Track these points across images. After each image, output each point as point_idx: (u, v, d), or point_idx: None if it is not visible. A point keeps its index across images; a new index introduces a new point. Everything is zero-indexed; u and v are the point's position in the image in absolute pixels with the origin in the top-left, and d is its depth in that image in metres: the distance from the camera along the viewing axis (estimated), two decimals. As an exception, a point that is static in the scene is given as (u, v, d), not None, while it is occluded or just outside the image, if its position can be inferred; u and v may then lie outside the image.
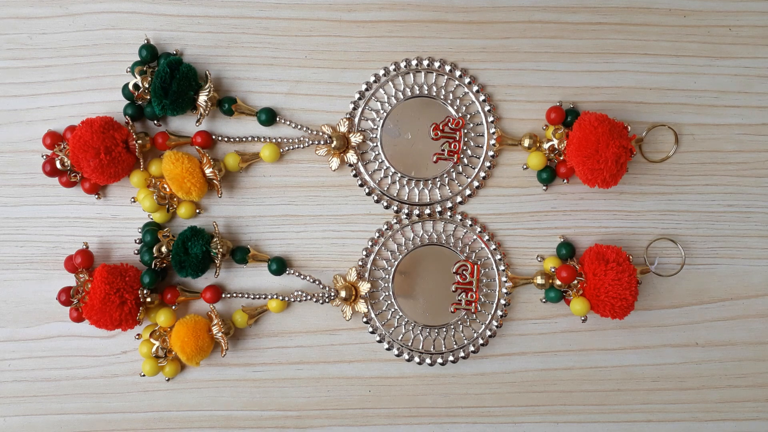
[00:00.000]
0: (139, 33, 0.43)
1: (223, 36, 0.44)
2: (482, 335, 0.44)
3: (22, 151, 0.43)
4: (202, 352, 0.42)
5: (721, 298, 0.45)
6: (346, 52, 0.44)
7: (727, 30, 0.45)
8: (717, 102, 0.45)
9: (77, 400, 0.44)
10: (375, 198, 0.44)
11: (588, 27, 0.44)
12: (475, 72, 0.44)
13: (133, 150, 0.41)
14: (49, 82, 0.44)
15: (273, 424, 0.44)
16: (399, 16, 0.44)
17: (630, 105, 0.44)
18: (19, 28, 0.43)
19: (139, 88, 0.41)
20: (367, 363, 0.44)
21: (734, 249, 0.45)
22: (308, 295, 0.43)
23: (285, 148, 0.43)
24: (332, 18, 0.44)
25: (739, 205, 0.45)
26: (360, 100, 0.44)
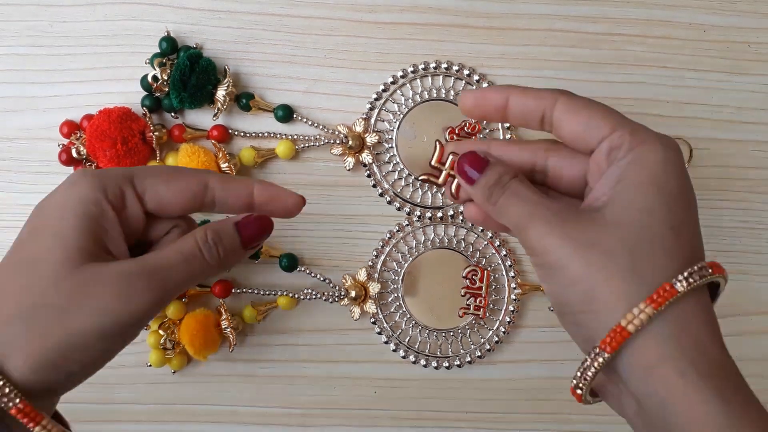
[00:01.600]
0: (159, 25, 0.43)
1: (244, 32, 0.44)
2: (489, 341, 0.44)
3: (38, 139, 0.44)
4: (210, 345, 0.42)
5: (730, 314, 0.45)
6: (365, 53, 0.44)
7: (746, 46, 0.45)
8: (734, 118, 0.45)
9: (82, 390, 0.43)
10: (388, 199, 0.44)
11: (608, 38, 0.44)
12: (493, 78, 0.44)
13: (149, 141, 0.41)
14: (67, 71, 0.44)
15: (277, 421, 0.44)
16: (420, 18, 0.44)
17: (647, 117, 0.44)
18: (39, 16, 0.44)
19: (157, 80, 0.42)
20: (373, 364, 0.44)
21: (745, 265, 0.45)
22: (318, 294, 0.43)
23: (300, 146, 0.43)
24: (353, 18, 0.44)
25: (752, 222, 0.45)
26: (377, 101, 0.44)
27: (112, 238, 0.30)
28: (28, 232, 0.29)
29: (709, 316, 0.27)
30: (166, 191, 0.31)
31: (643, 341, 0.26)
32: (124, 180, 0.30)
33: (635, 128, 0.28)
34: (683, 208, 0.28)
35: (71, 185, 0.30)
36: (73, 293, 0.27)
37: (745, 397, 0.27)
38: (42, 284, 0.27)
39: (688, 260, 0.27)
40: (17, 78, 0.44)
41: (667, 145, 0.28)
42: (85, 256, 0.28)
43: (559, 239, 0.27)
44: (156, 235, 0.32)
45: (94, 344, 0.28)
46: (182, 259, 0.30)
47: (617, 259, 0.26)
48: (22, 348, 0.27)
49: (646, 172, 0.27)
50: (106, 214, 0.29)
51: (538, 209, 0.28)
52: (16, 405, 0.26)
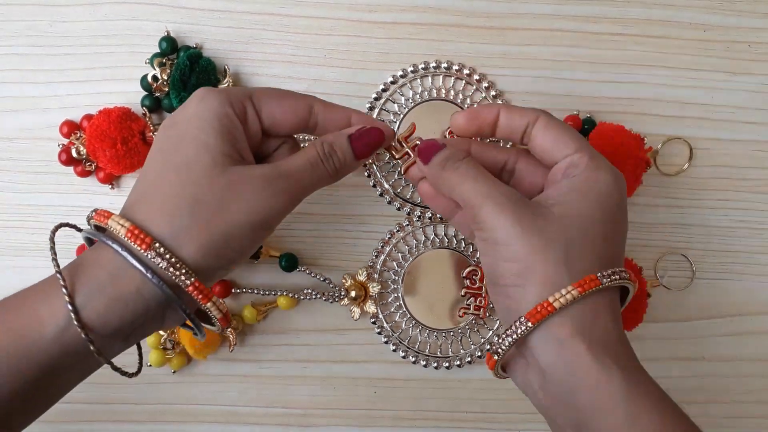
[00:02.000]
0: (159, 25, 0.43)
1: (243, 32, 0.44)
2: (489, 341, 0.44)
3: (38, 139, 0.43)
4: (210, 345, 0.42)
5: (730, 313, 0.45)
6: (365, 53, 0.44)
7: (746, 46, 0.45)
8: (734, 117, 0.45)
9: (82, 389, 0.44)
10: (388, 199, 0.44)
11: (608, 37, 0.44)
12: (493, 77, 0.44)
13: (149, 141, 0.41)
14: (67, 71, 0.44)
15: (277, 421, 0.44)
16: (420, 18, 0.44)
17: (647, 117, 0.44)
18: (39, 15, 0.43)
19: (157, 79, 0.42)
20: (373, 364, 0.44)
21: (744, 265, 0.45)
22: (318, 294, 0.43)
23: (301, 146, 0.43)
24: (353, 18, 0.44)
25: (752, 222, 0.45)
26: (377, 101, 0.44)
27: (243, 146, 0.33)
28: (170, 143, 0.32)
29: (615, 309, 0.32)
30: (279, 110, 0.34)
31: (561, 319, 0.30)
32: (245, 97, 0.34)
33: (594, 155, 0.33)
34: (616, 229, 0.33)
35: (201, 100, 0.33)
36: (226, 191, 0.31)
37: (640, 371, 0.31)
38: (198, 183, 0.31)
39: (610, 264, 0.31)
40: (17, 78, 0.44)
41: (617, 177, 0.33)
42: (229, 161, 0.32)
43: (511, 220, 0.31)
44: (268, 150, 0.36)
45: (246, 235, 0.32)
46: (309, 166, 0.34)
47: (556, 247, 0.31)
48: (192, 237, 0.30)
49: (595, 190, 0.32)
50: (236, 125, 0.33)
51: (493, 190, 0.33)
52: (192, 283, 0.30)
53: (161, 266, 0.29)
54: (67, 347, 0.30)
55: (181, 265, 0.30)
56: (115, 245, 0.30)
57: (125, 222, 0.30)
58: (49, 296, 0.30)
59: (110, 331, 0.30)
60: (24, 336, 0.29)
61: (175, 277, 0.30)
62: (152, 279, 0.29)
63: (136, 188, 0.33)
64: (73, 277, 0.30)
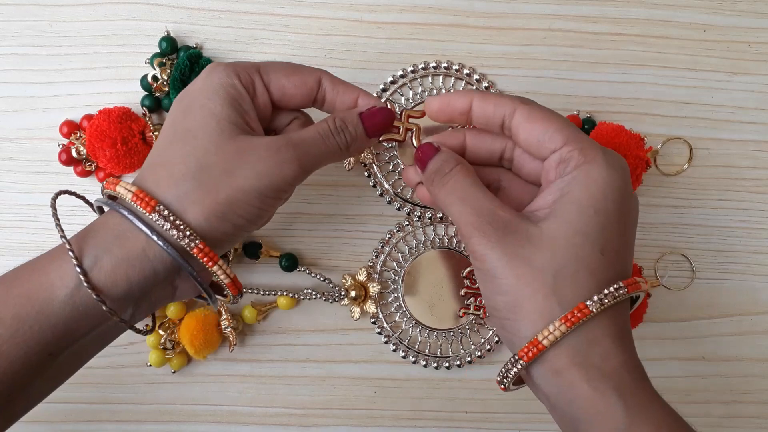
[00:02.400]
0: (159, 25, 0.43)
1: (243, 31, 0.44)
2: (489, 341, 0.44)
3: (38, 139, 0.43)
4: (210, 346, 0.42)
5: (730, 313, 0.45)
6: (365, 53, 0.44)
7: (746, 46, 0.45)
8: (733, 117, 0.45)
9: (82, 390, 0.44)
10: (388, 199, 0.44)
11: (608, 37, 0.44)
12: (493, 77, 0.44)
13: (149, 141, 0.41)
14: (67, 71, 0.44)
15: (277, 421, 0.44)
16: (419, 18, 0.44)
17: (647, 117, 0.44)
18: (39, 15, 0.43)
19: (157, 79, 0.42)
20: (373, 364, 0.44)
21: (744, 265, 0.45)
22: (318, 294, 0.43)
23: (305, 136, 0.43)
24: (353, 18, 0.44)
25: (752, 221, 0.45)
26: (377, 101, 0.44)
27: (251, 117, 0.34)
28: (180, 112, 0.33)
29: (618, 328, 0.30)
30: (288, 83, 0.35)
31: (555, 352, 0.29)
32: (254, 70, 0.34)
33: (585, 146, 0.31)
34: (617, 231, 0.31)
35: (209, 74, 0.33)
36: (233, 157, 0.32)
37: (646, 395, 0.30)
38: (204, 150, 0.32)
39: (610, 280, 0.30)
40: (17, 78, 0.44)
41: (613, 165, 0.31)
42: (236, 129, 0.32)
43: (498, 253, 0.30)
44: (280, 125, 0.37)
45: (253, 202, 0.32)
46: (320, 138, 0.34)
47: (544, 277, 0.29)
48: (196, 201, 0.31)
49: (587, 193, 0.30)
50: (244, 97, 0.33)
51: (479, 219, 0.31)
52: (197, 245, 0.30)
53: (165, 228, 0.30)
54: (78, 309, 0.30)
55: (185, 227, 0.30)
56: (121, 209, 0.31)
57: (132, 187, 0.31)
58: (59, 261, 0.31)
59: (119, 293, 0.31)
60: (35, 300, 0.30)
61: (179, 239, 0.30)
62: (157, 240, 0.30)
63: (148, 158, 0.33)
64: (81, 242, 0.31)
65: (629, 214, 0.31)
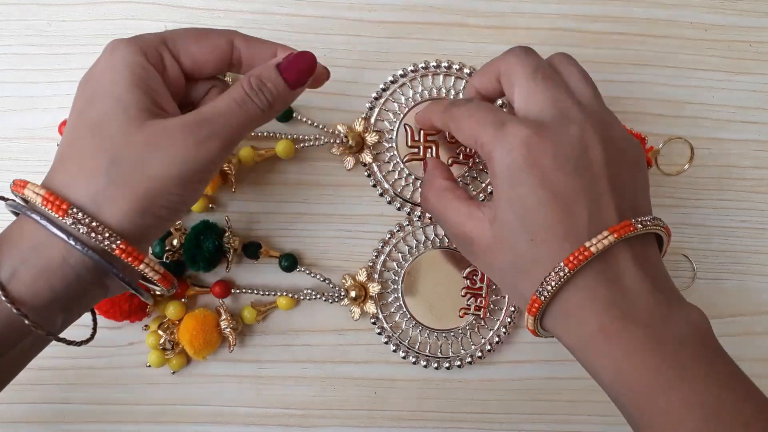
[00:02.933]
0: (158, 24, 0.43)
1: (243, 31, 0.43)
2: (490, 341, 0.44)
3: (38, 138, 0.43)
4: (209, 346, 0.42)
5: (730, 313, 0.45)
6: (365, 52, 0.44)
7: (747, 45, 0.45)
8: (735, 117, 0.45)
9: (82, 390, 0.44)
10: (388, 199, 0.44)
11: (609, 37, 0.44)
12: (493, 77, 0.44)
13: (149, 141, 0.41)
14: (66, 70, 0.43)
15: (277, 421, 0.44)
16: (420, 17, 0.44)
17: (648, 116, 0.44)
18: (38, 15, 0.43)
19: (157, 79, 0.41)
20: (373, 364, 0.44)
21: (745, 265, 0.45)
22: (318, 294, 0.43)
23: (300, 145, 0.43)
24: (353, 17, 0.44)
25: (753, 221, 0.45)
26: (377, 101, 0.44)
27: (162, 96, 0.32)
28: (85, 101, 0.31)
29: (641, 262, 0.31)
30: (197, 50, 0.33)
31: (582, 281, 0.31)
32: (159, 43, 0.32)
33: (483, 142, 0.33)
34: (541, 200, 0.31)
35: (111, 53, 0.31)
36: (145, 146, 0.30)
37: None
38: (114, 142, 0.30)
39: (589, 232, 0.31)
40: (16, 78, 0.43)
41: (503, 148, 0.32)
42: (145, 115, 0.30)
43: (482, 264, 0.35)
44: (197, 96, 0.35)
45: (173, 190, 0.30)
46: (236, 105, 0.32)
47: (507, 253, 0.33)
48: (111, 199, 0.29)
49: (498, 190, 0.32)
50: (152, 75, 0.31)
51: (456, 230, 0.35)
52: (119, 246, 0.29)
53: (82, 231, 0.28)
54: (4, 322, 0.29)
55: (103, 228, 0.29)
56: (33, 214, 0.29)
57: (40, 189, 0.29)
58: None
59: (43, 302, 0.29)
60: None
61: (98, 242, 0.29)
62: (76, 245, 0.28)
63: (57, 153, 0.31)
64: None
65: (547, 175, 0.31)
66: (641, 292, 0.30)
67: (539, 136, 0.31)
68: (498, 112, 0.33)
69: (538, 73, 0.33)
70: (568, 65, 0.35)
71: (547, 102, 0.32)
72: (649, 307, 0.30)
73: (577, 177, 0.31)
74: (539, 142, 0.31)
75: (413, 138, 0.41)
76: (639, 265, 0.31)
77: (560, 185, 0.31)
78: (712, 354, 0.30)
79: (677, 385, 0.28)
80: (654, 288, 0.31)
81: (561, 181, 0.31)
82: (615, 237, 0.30)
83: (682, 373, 0.28)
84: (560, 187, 0.31)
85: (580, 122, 0.31)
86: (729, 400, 0.28)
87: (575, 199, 0.30)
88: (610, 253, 0.30)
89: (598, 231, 0.30)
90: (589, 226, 0.30)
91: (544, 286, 0.30)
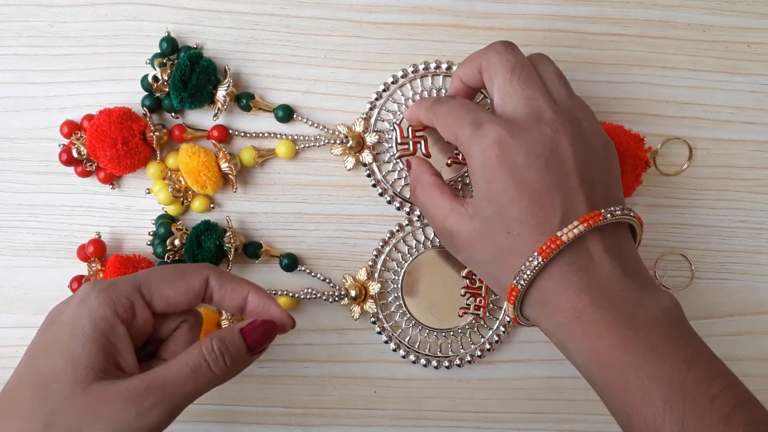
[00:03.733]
0: (159, 25, 0.43)
1: (244, 32, 0.44)
2: (489, 340, 0.44)
3: (39, 139, 0.44)
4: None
5: (729, 313, 0.45)
6: (365, 53, 0.44)
7: (745, 46, 0.45)
8: (733, 118, 0.45)
9: (83, 389, 0.44)
10: (388, 199, 0.44)
11: (607, 38, 0.44)
12: (493, 78, 0.44)
13: (150, 141, 0.41)
14: (67, 71, 0.44)
15: (277, 421, 0.44)
16: (419, 19, 0.44)
17: (646, 117, 0.44)
18: (40, 16, 0.44)
19: (158, 80, 0.42)
20: (373, 364, 0.45)
21: (744, 265, 0.45)
22: (318, 293, 0.43)
23: (300, 146, 0.43)
24: (353, 18, 0.44)
25: (751, 221, 0.45)
26: (377, 101, 0.44)
27: (121, 352, 0.31)
28: (40, 347, 0.31)
29: (611, 251, 0.32)
30: (172, 292, 0.32)
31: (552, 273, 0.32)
32: (133, 291, 0.32)
33: (462, 141, 0.34)
34: (517, 194, 0.33)
35: (81, 302, 0.31)
36: (83, 413, 0.29)
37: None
38: (53, 405, 0.29)
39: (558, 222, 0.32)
40: (17, 78, 0.44)
41: (483, 149, 0.33)
42: (95, 375, 0.29)
43: (464, 257, 0.37)
44: (165, 332, 0.34)
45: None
46: (189, 372, 0.30)
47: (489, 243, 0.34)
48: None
49: (476, 185, 0.34)
50: (116, 330, 0.31)
51: (438, 228, 0.37)
52: None
53: None
54: None
55: None
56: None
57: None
58: None
59: None
60: None
61: None
62: None
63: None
64: None
65: (520, 172, 0.33)
66: (612, 278, 0.32)
67: (512, 136, 0.33)
68: (476, 111, 0.35)
69: (515, 73, 0.34)
70: (545, 65, 0.36)
71: (521, 101, 0.34)
72: (619, 292, 0.31)
73: (548, 173, 0.32)
74: (512, 141, 0.33)
75: (402, 135, 0.43)
76: (610, 253, 0.32)
77: (532, 181, 0.32)
78: (681, 334, 0.31)
79: (646, 364, 0.29)
80: (624, 275, 0.32)
81: (533, 178, 0.32)
82: (585, 226, 0.31)
83: (652, 353, 0.30)
84: (532, 183, 0.32)
85: (551, 122, 0.33)
86: (697, 376, 0.29)
87: (547, 194, 0.32)
88: (581, 242, 0.32)
89: (569, 221, 0.32)
90: (562, 218, 0.32)
91: (520, 275, 0.32)
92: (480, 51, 0.37)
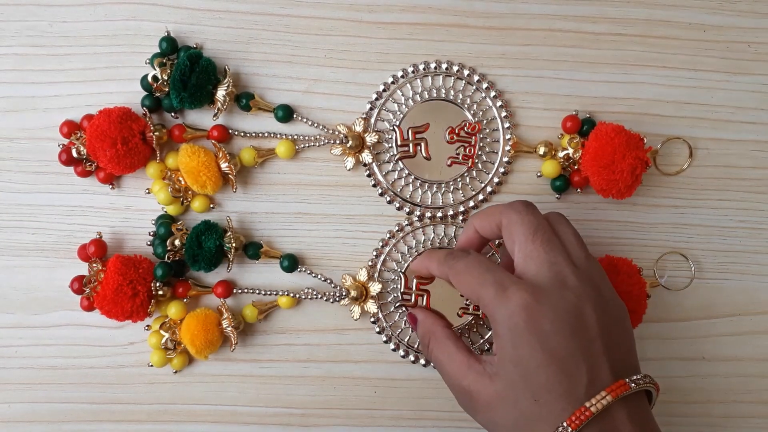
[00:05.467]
0: (159, 25, 0.43)
1: (243, 32, 0.44)
2: (488, 340, 0.44)
3: (38, 139, 0.44)
4: (211, 345, 0.42)
5: (729, 313, 0.45)
6: (365, 53, 0.44)
7: (746, 46, 0.45)
8: (733, 117, 0.45)
9: (83, 390, 0.44)
10: (388, 199, 0.44)
11: (608, 37, 0.44)
12: (493, 78, 0.44)
13: (149, 141, 0.41)
14: (67, 71, 0.44)
15: (277, 421, 0.44)
16: (419, 18, 0.44)
17: (646, 117, 0.44)
18: (39, 16, 0.44)
19: (158, 80, 0.41)
20: (373, 364, 0.44)
21: (744, 265, 0.45)
22: (318, 294, 0.43)
23: (300, 146, 0.43)
24: (353, 18, 0.44)
25: (751, 221, 0.45)
26: (377, 101, 0.44)
27: None
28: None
29: (635, 419, 0.32)
30: None
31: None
32: None
33: (484, 303, 0.34)
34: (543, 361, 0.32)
35: None
36: None
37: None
38: None
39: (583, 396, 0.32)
40: (17, 78, 0.44)
41: (510, 315, 0.33)
42: None
43: (482, 420, 0.35)
44: None
45: None
46: None
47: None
48: None
49: (502, 353, 0.34)
50: None
51: (453, 389, 0.37)
52: None
53: None
54: None
55: None
56: None
57: None
58: None
59: None
60: None
61: None
62: None
63: None
64: None
65: (547, 338, 0.33)
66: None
67: (538, 301, 0.33)
68: (496, 271, 0.35)
69: (537, 235, 0.35)
70: (563, 226, 0.37)
71: (544, 265, 0.34)
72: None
73: (575, 340, 0.33)
74: (538, 307, 0.33)
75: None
76: (633, 422, 0.32)
77: (559, 348, 0.32)
78: None
79: None
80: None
81: (560, 344, 0.32)
82: (612, 397, 0.32)
83: None
84: (559, 350, 0.32)
85: (574, 288, 0.34)
86: None
87: (572, 360, 0.32)
88: (607, 411, 0.32)
89: (596, 391, 0.32)
90: (588, 386, 0.32)
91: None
92: (498, 207, 0.37)
